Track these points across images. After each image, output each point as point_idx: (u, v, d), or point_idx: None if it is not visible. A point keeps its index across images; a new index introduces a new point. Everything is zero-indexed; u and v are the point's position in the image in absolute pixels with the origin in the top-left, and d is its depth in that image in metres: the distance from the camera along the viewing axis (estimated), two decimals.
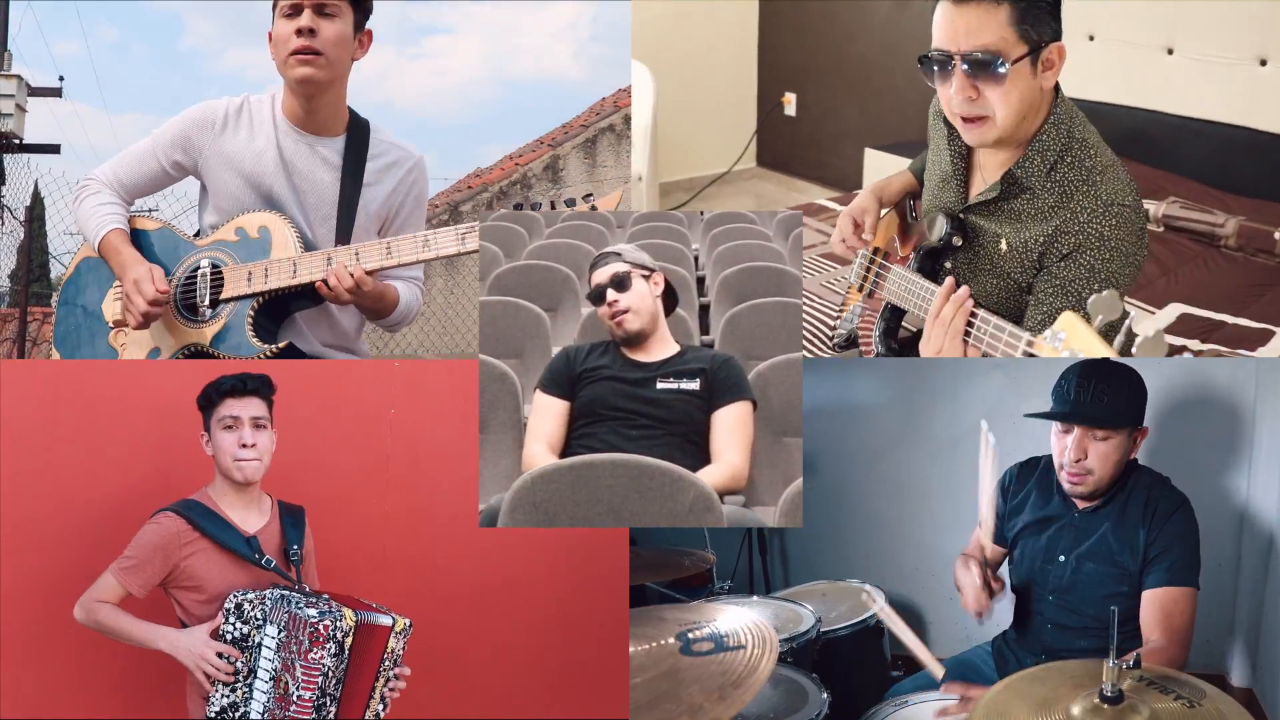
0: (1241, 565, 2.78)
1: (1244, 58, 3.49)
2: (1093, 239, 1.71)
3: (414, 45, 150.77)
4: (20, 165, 7.95)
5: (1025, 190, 1.77)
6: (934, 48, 1.71)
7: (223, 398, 1.90)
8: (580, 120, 7.01)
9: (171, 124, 2.14)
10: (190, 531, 1.88)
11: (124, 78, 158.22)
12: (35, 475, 2.22)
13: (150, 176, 2.17)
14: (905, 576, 3.23)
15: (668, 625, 1.83)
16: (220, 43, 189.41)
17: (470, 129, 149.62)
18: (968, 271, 1.92)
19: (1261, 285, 3.28)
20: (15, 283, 7.68)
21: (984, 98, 1.68)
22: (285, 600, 1.83)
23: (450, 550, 2.35)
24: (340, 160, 2.10)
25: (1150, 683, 1.65)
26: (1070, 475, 2.13)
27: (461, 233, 1.98)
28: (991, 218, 1.84)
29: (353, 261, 2.00)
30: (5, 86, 8.09)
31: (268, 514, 1.98)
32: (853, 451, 3.24)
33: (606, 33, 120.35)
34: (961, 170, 1.91)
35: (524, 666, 2.42)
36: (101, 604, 1.87)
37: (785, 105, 5.90)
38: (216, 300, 2.09)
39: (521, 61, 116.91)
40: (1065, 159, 1.74)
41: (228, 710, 1.83)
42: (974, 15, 1.65)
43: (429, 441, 2.38)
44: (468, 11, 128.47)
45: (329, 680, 1.81)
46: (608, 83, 8.50)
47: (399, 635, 1.90)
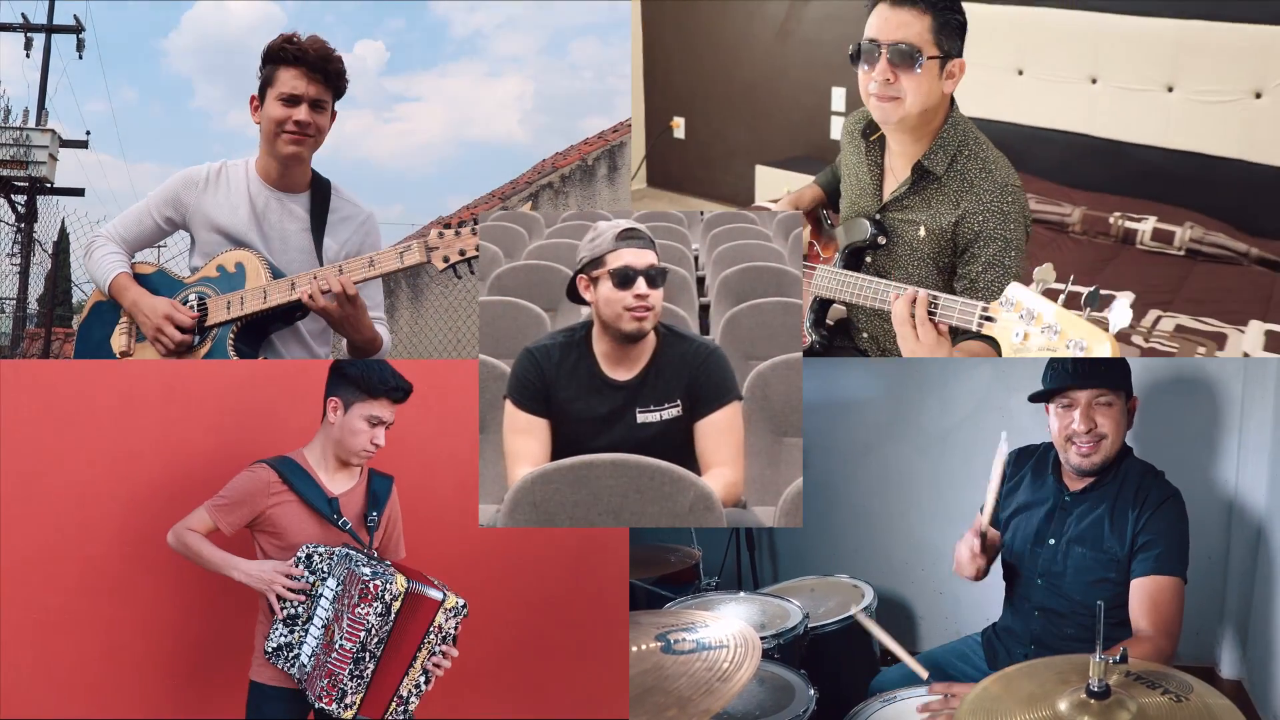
0: (1230, 557, 2.78)
1: (1078, 77, 4.36)
2: (996, 215, 2.03)
3: (388, 111, 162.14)
4: (50, 206, 9.87)
5: (934, 180, 2.09)
6: (865, 38, 2.04)
7: (381, 397, 2.02)
8: (525, 177, 8.29)
9: (161, 188, 2.47)
10: (280, 484, 2.01)
11: (142, 133, 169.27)
12: (33, 474, 2.24)
13: (146, 231, 2.48)
14: (895, 571, 3.22)
15: (644, 629, 1.84)
16: (224, 104, 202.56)
17: (434, 182, 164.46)
18: (888, 262, 2.19)
19: (1104, 260, 3.97)
20: (43, 306, 9.34)
21: (899, 82, 2.01)
22: (349, 558, 1.94)
23: (450, 550, 2.33)
24: (304, 213, 2.43)
25: (1137, 677, 1.64)
26: (1084, 446, 2.16)
27: (400, 250, 2.26)
28: (907, 210, 2.14)
29: (323, 278, 2.26)
30: (40, 139, 9.83)
31: (355, 478, 2.10)
32: (841, 446, 3.23)
33: (547, 104, 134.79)
34: (877, 176, 2.22)
35: (524, 666, 2.41)
36: (190, 531, 2.00)
37: (674, 129, 6.48)
38: (203, 328, 2.35)
39: (477, 126, 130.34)
40: (963, 152, 2.08)
41: (283, 650, 1.96)
42: (904, 15, 2.01)
43: (429, 442, 2.37)
44: (433, 84, 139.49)
45: (371, 637, 1.89)
46: (548, 145, 9.62)
47: (449, 612, 1.94)
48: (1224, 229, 3.99)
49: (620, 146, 7.94)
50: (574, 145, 8.45)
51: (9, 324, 9.59)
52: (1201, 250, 3.96)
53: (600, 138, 8.22)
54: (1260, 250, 3.89)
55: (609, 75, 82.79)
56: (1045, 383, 2.19)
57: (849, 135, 2.33)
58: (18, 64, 12.64)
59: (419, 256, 2.24)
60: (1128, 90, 4.28)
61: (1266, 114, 3.94)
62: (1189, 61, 4.09)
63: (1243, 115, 3.98)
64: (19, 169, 9.72)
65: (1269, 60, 3.87)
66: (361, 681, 1.90)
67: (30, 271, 9.52)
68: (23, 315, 9.38)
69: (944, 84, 2.04)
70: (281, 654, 1.96)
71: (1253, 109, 3.98)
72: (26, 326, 9.28)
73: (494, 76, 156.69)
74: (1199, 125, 4.10)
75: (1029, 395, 2.24)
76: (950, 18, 2.02)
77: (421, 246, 2.24)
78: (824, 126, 5.52)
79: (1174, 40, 4.10)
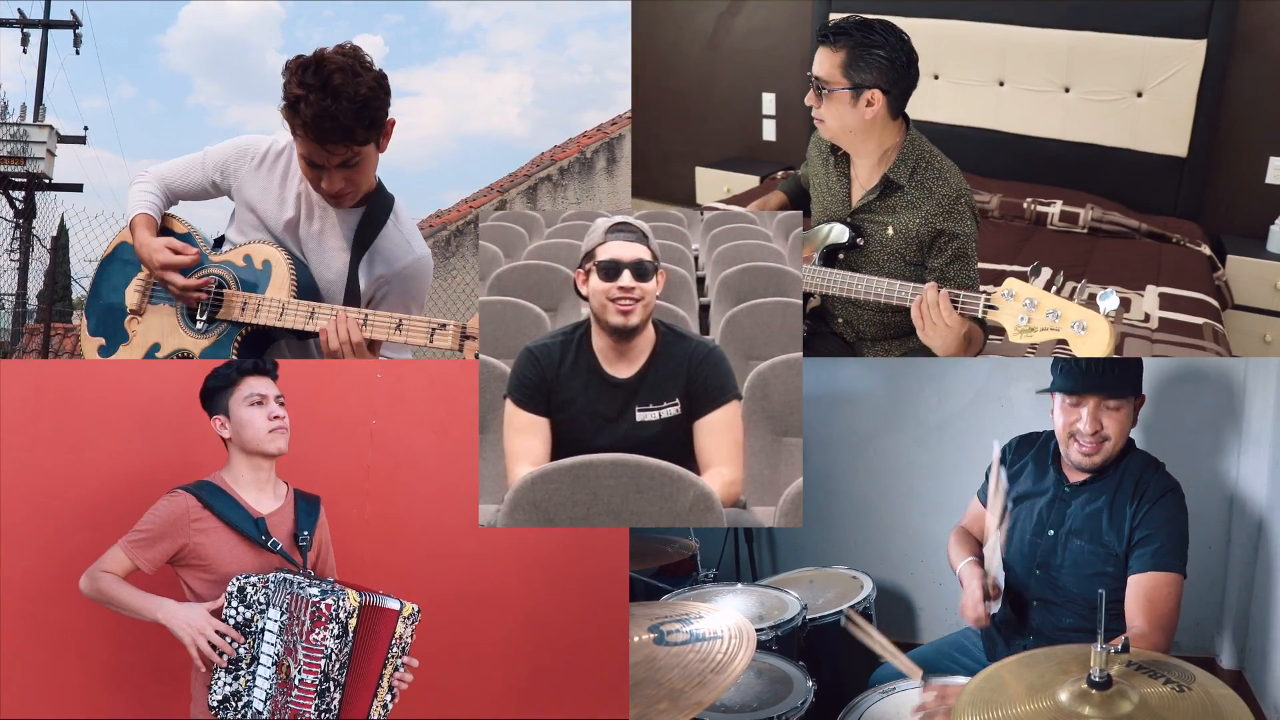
0: (1231, 548, 2.77)
1: (988, 80, 5.03)
2: (954, 216, 2.35)
3: None
4: (49, 201, 9.78)
5: (898, 188, 2.40)
6: (809, 71, 2.39)
7: (244, 376, 1.94)
8: (524, 171, 8.19)
9: (221, 147, 2.33)
10: (200, 509, 1.86)
11: (140, 128, 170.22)
12: (30, 474, 2.21)
13: (193, 186, 2.35)
14: (894, 562, 3.21)
15: (638, 620, 1.83)
16: (223, 100, 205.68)
17: (432, 176, 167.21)
18: (860, 258, 2.47)
19: (1021, 240, 4.52)
20: (42, 302, 9.13)
21: (822, 107, 2.38)
22: (288, 583, 1.78)
23: (450, 549, 2.32)
24: (349, 231, 2.25)
25: (1139, 667, 1.62)
26: (1086, 447, 2.15)
27: (432, 327, 2.10)
28: (875, 214, 2.44)
29: (350, 321, 2.12)
30: (39, 135, 9.70)
31: (282, 499, 1.97)
32: (840, 437, 3.22)
33: (546, 98, 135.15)
34: (845, 186, 2.52)
35: (524, 666, 2.40)
36: (105, 574, 1.84)
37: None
38: (213, 318, 2.26)
39: (475, 121, 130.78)
40: (921, 165, 2.39)
41: (230, 700, 1.77)
42: (823, 53, 2.36)
43: (429, 442, 2.35)
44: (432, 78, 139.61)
45: (332, 664, 1.75)
46: (546, 139, 9.69)
47: (407, 620, 1.84)
48: (1118, 209, 4.63)
49: (619, 139, 7.96)
50: (572, 138, 8.44)
51: (8, 320, 9.56)
52: (1102, 228, 4.59)
53: (599, 130, 8.22)
54: (1149, 225, 4.54)
55: (607, 69, 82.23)
56: (1055, 382, 2.17)
57: (817, 149, 2.61)
58: (15, 60, 12.68)
59: (451, 344, 2.10)
60: (1030, 91, 4.97)
61: (1147, 110, 4.70)
62: (1082, 66, 4.81)
63: (1128, 111, 4.75)
64: (17, 165, 9.67)
65: (1148, 65, 4.63)
66: (330, 716, 1.75)
67: (29, 267, 9.51)
68: (22, 311, 9.36)
69: (863, 110, 2.33)
70: (229, 705, 1.77)
71: (1136, 106, 4.74)
72: (26, 322, 9.27)
73: (493, 71, 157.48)
74: (1092, 120, 4.83)
75: (1037, 390, 2.22)
76: (867, 53, 2.31)
77: (457, 334, 2.10)
78: (757, 129, 6.06)
79: (1069, 48, 4.82)
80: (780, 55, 5.80)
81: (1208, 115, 4.57)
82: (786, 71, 5.75)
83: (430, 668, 2.23)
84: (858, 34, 2.32)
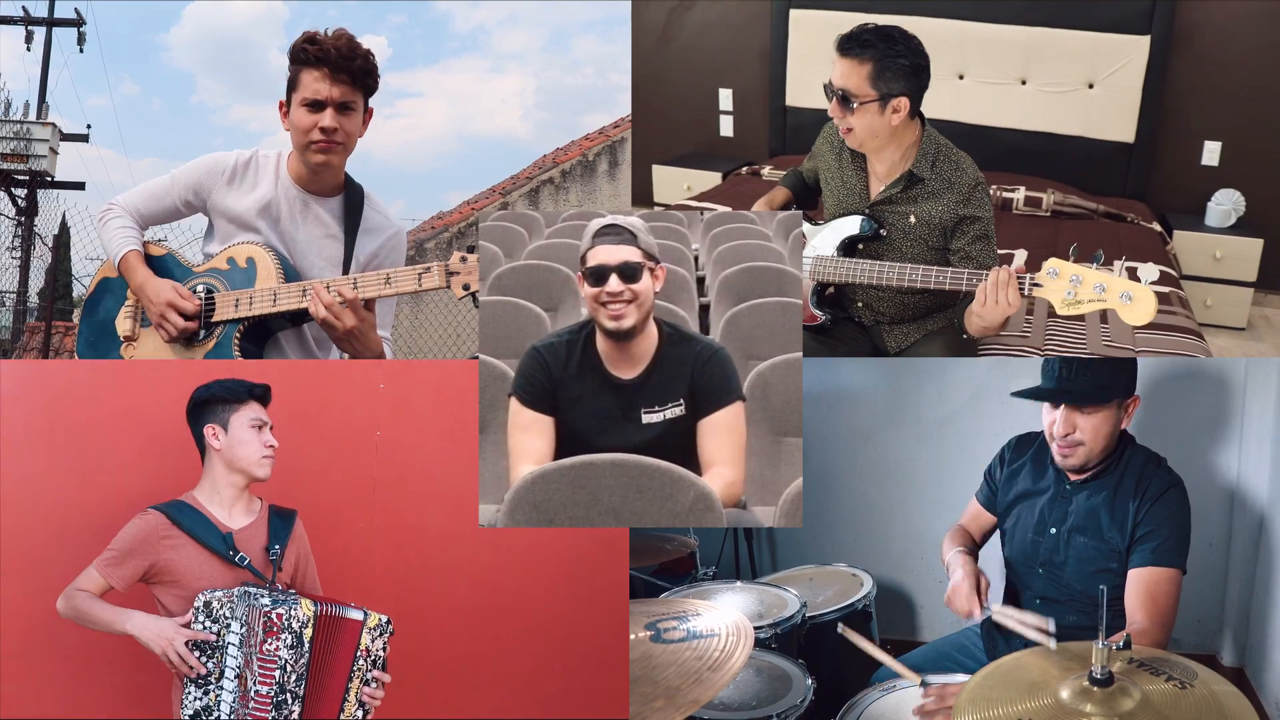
0: (1232, 545, 2.76)
1: (949, 74, 5.31)
2: (975, 203, 2.49)
3: (389, 106, 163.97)
4: (50, 199, 9.88)
5: (920, 180, 2.52)
6: (827, 80, 2.47)
7: (254, 400, 1.98)
8: (526, 173, 8.32)
9: (187, 168, 2.40)
10: (169, 526, 1.90)
11: (143, 127, 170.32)
12: (30, 474, 2.20)
13: (165, 210, 2.41)
14: (894, 560, 3.20)
15: (635, 618, 1.82)
16: (226, 99, 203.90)
17: (434, 178, 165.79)
18: (881, 247, 2.58)
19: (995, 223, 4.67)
20: (43, 299, 9.27)
21: (846, 117, 2.46)
22: (248, 595, 1.80)
23: (450, 549, 2.31)
24: (332, 219, 2.37)
25: (1140, 664, 1.61)
26: (1061, 448, 2.16)
27: (418, 271, 2.18)
28: (897, 204, 2.55)
29: (336, 288, 2.18)
30: (41, 132, 9.81)
31: (255, 514, 1.99)
32: (840, 434, 3.21)
33: (549, 100, 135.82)
34: (863, 180, 2.61)
35: (524, 666, 2.39)
36: (80, 592, 1.88)
37: None
38: (209, 323, 2.30)
39: (478, 122, 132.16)
40: (940, 158, 2.52)
41: (201, 714, 1.79)
42: (846, 65, 2.43)
43: (429, 442, 2.33)
44: (435, 80, 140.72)
45: (287, 675, 1.76)
46: (549, 141, 9.75)
47: (373, 631, 1.84)
48: (1076, 192, 4.97)
49: (621, 142, 7.97)
50: (575, 141, 8.46)
51: (9, 318, 9.63)
52: (1064, 210, 4.90)
53: (601, 133, 8.23)
54: (1105, 206, 4.91)
55: (610, 71, 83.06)
56: (1027, 389, 2.18)
57: (828, 144, 2.72)
58: (18, 57, 12.73)
59: (439, 281, 2.16)
60: (989, 84, 5.30)
61: (1098, 101, 5.13)
62: (1037, 60, 5.18)
63: (1080, 102, 5.16)
64: (20, 162, 9.74)
65: (1098, 59, 5.05)
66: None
67: (31, 265, 9.56)
68: (23, 309, 9.42)
69: (890, 117, 2.43)
70: (200, 719, 1.79)
71: (1088, 97, 5.15)
72: (27, 320, 9.30)
73: (496, 72, 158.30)
74: (1047, 111, 5.22)
75: (1011, 392, 2.22)
76: (893, 62, 2.40)
77: (442, 271, 2.16)
78: (714, 126, 6.19)
79: (1024, 44, 5.18)
80: (736, 50, 5.88)
81: (1152, 104, 5.04)
82: (743, 67, 5.83)
83: (433, 669, 2.23)
84: (882, 45, 2.41)
